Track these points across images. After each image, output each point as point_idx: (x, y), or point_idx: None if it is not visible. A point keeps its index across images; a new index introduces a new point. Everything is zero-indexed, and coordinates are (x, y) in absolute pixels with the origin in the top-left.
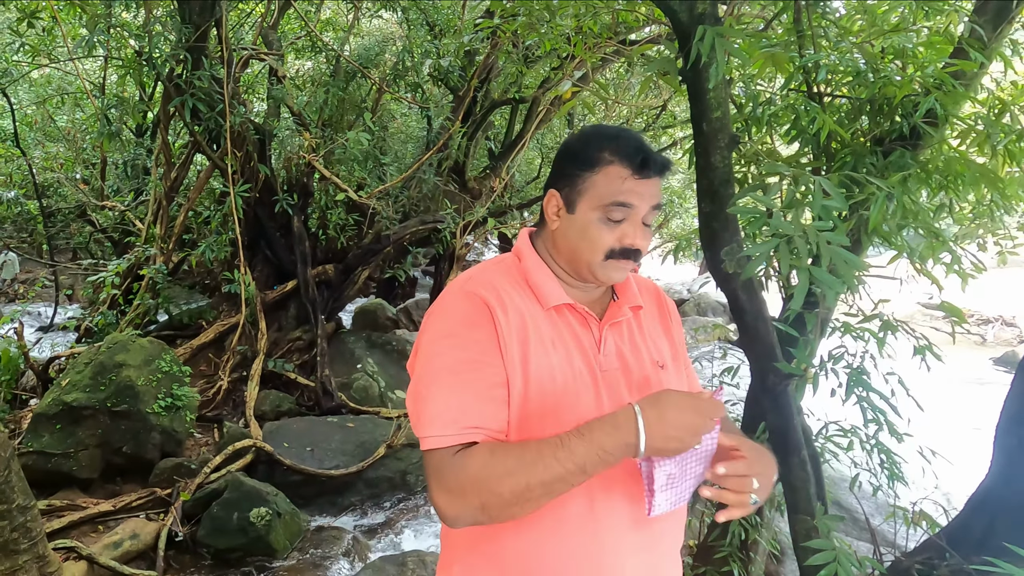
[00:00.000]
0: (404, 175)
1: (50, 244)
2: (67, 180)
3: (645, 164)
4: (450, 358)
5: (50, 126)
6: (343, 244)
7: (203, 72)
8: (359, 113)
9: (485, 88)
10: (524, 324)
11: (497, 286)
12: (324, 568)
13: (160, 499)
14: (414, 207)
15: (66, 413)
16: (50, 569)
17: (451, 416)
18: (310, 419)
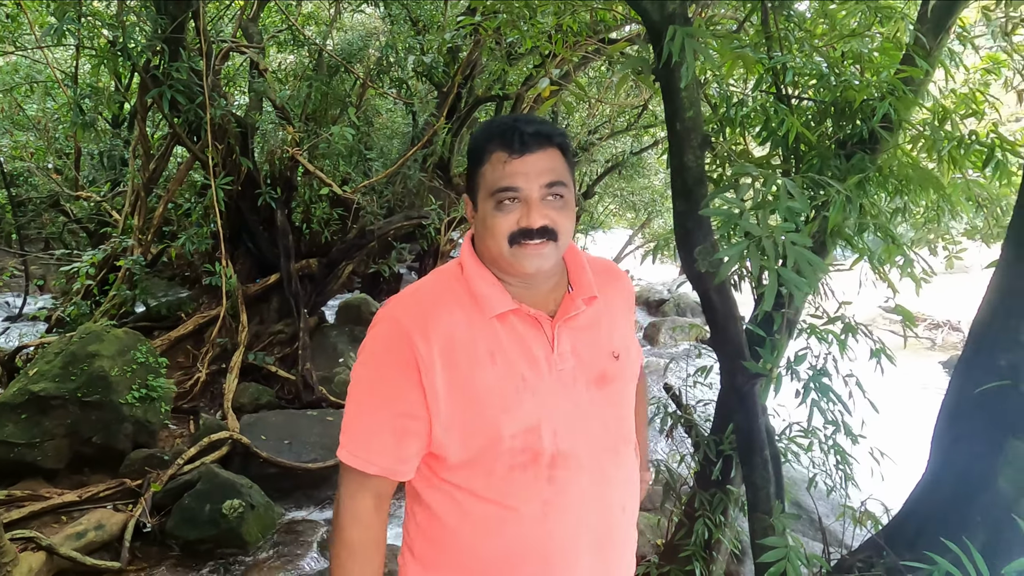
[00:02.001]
0: (389, 171)
1: (19, 233)
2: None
3: (518, 141)
4: (365, 385)
5: (19, 115)
6: (327, 238)
7: (181, 64)
8: (343, 108)
9: (469, 84)
10: (451, 344)
11: (425, 307)
12: (295, 560)
13: (130, 490)
14: (399, 203)
15: (32, 403)
16: (5, 559)
17: (356, 441)
18: (289, 412)
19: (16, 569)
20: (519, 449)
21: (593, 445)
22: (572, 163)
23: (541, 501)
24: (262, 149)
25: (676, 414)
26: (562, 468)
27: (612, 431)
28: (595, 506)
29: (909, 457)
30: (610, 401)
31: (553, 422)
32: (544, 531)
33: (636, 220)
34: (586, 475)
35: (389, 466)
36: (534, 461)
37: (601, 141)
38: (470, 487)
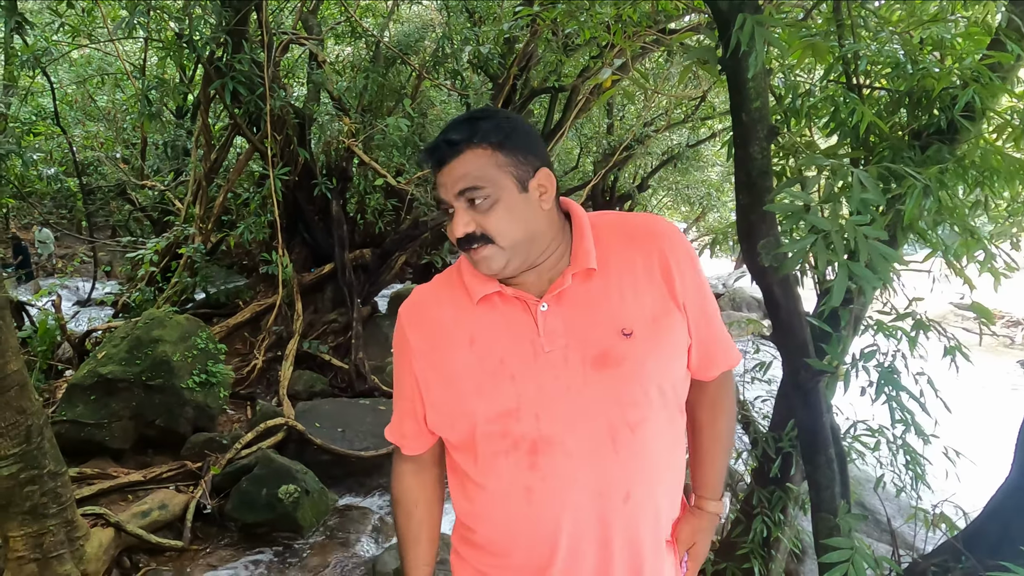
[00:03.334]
0: None
1: (89, 221)
2: (107, 159)
3: (437, 154)
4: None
5: (90, 106)
6: (381, 229)
7: (243, 55)
8: (398, 99)
9: (525, 76)
10: (436, 331)
11: (421, 299)
12: (349, 546)
13: (190, 472)
14: None
15: (101, 385)
16: (77, 534)
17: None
18: (342, 401)
19: (88, 544)
20: (497, 434)
21: (586, 430)
22: (510, 152)
23: (523, 487)
24: (319, 140)
25: None
26: (546, 454)
27: (612, 415)
28: (587, 494)
29: (989, 459)
30: (614, 383)
31: (535, 406)
32: (528, 516)
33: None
34: (575, 461)
35: (397, 439)
36: (515, 447)
37: (657, 133)
38: (465, 469)
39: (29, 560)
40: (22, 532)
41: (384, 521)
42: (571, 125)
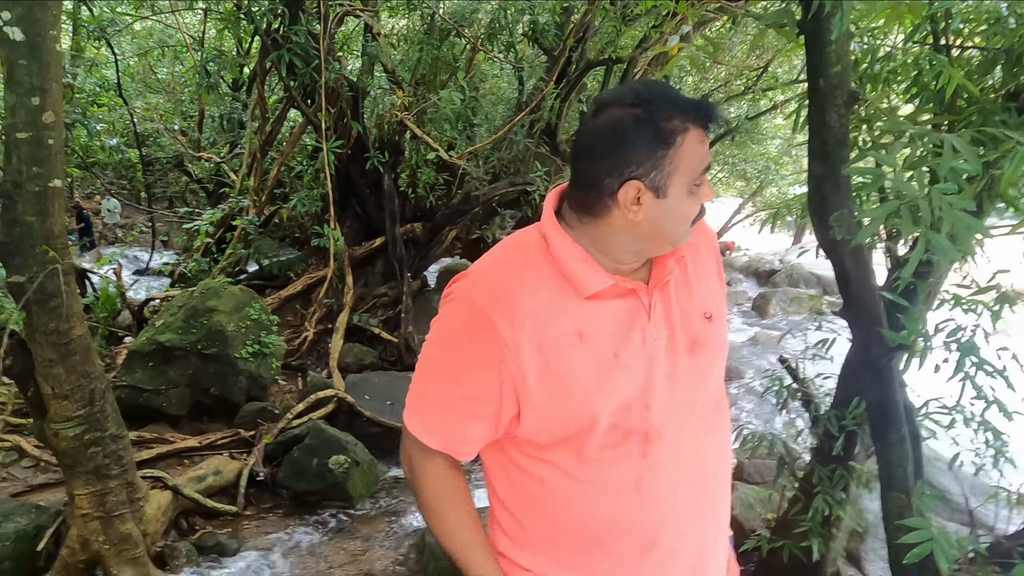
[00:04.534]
0: (496, 136)
1: (148, 192)
2: (166, 131)
3: (711, 117)
4: (437, 364)
5: (151, 77)
6: (432, 203)
7: (300, 27)
8: (452, 72)
9: (581, 48)
10: (539, 327)
11: (509, 288)
12: (398, 517)
13: (243, 440)
14: (504, 168)
15: (159, 352)
16: (138, 495)
17: (424, 412)
18: (392, 374)
19: (147, 505)
20: (612, 428)
21: (687, 415)
22: None
23: (634, 478)
24: (372, 113)
25: (792, 387)
26: (656, 442)
27: (705, 398)
28: (689, 476)
29: None
30: (702, 367)
31: (646, 397)
32: (638, 505)
33: (747, 188)
34: (679, 447)
35: (450, 444)
36: (626, 438)
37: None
38: (562, 466)
39: (93, 518)
40: (87, 491)
41: None
42: None
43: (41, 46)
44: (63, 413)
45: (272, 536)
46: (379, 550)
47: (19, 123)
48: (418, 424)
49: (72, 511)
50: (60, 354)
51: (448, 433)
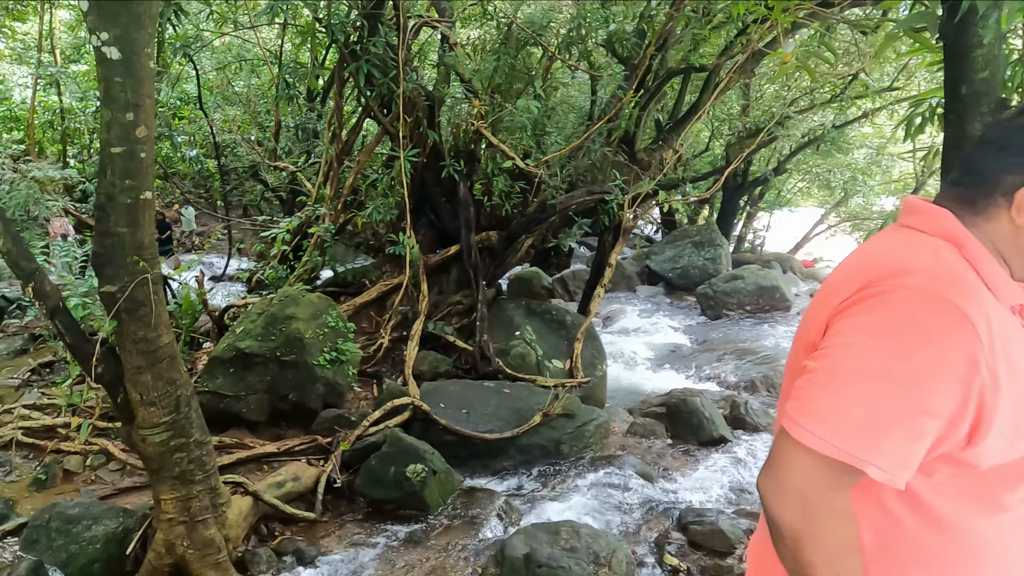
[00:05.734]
0: (573, 144)
1: (225, 200)
2: (243, 141)
3: None
4: (880, 364)
5: (229, 91)
6: (507, 212)
7: (378, 39)
8: (528, 81)
9: (661, 56)
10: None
11: (972, 284)
12: (476, 528)
13: (321, 446)
14: (581, 177)
15: (239, 358)
16: (220, 500)
17: (849, 429)
18: (467, 382)
19: (229, 510)
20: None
21: None
22: None
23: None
24: (448, 122)
25: None
26: None
27: None
28: None
29: None
30: None
31: None
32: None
33: (830, 198)
34: None
35: (895, 471)
36: None
37: (800, 115)
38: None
39: (178, 522)
40: (172, 496)
41: (510, 504)
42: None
43: (136, 64)
44: (150, 419)
45: (350, 544)
46: (456, 561)
47: (114, 138)
48: (849, 446)
49: (158, 515)
50: (148, 361)
51: (895, 457)
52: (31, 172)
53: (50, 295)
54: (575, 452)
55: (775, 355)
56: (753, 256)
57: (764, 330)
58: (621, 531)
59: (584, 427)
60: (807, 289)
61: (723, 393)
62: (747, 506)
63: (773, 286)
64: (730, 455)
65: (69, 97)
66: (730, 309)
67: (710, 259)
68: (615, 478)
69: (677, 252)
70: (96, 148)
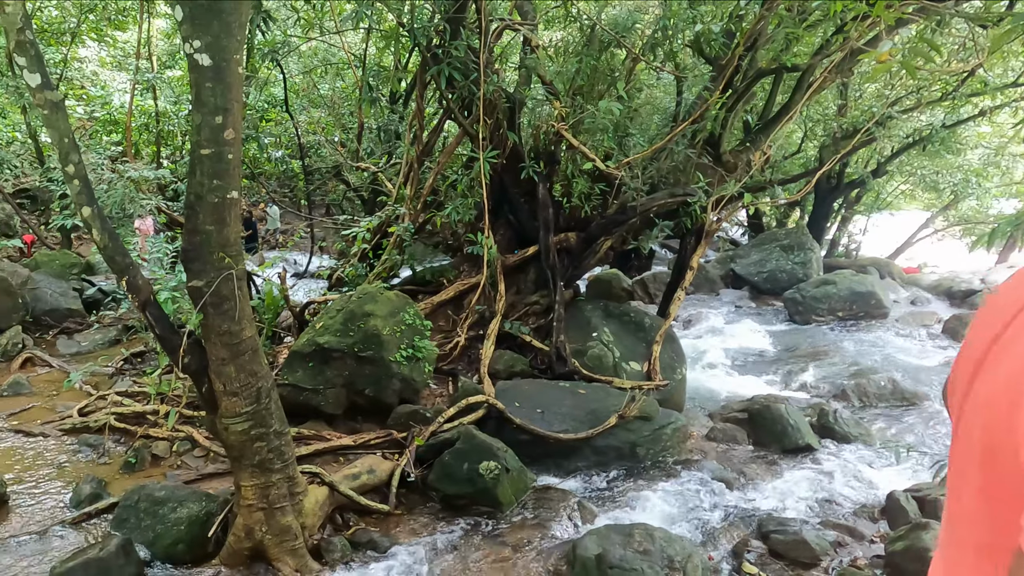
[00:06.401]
0: (656, 146)
1: (308, 200)
2: (326, 142)
3: None
4: None
5: (314, 94)
6: (587, 213)
7: (460, 42)
8: (610, 83)
9: (751, 56)
10: None
11: None
12: (547, 526)
13: (395, 441)
14: (663, 179)
15: (318, 353)
16: (297, 489)
17: None
18: (542, 382)
19: (306, 499)
20: None
21: None
22: None
23: None
24: (528, 124)
25: None
26: None
27: None
28: None
29: None
30: None
31: None
32: None
33: (937, 201)
34: None
35: None
36: None
37: (903, 114)
38: None
39: (257, 508)
40: (252, 483)
41: (583, 505)
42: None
43: (226, 70)
44: (232, 409)
45: (422, 536)
46: (527, 558)
47: (203, 140)
48: None
49: (238, 501)
50: (231, 353)
51: None
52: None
53: (142, 289)
54: (651, 455)
55: (869, 363)
56: (847, 261)
57: (857, 337)
58: (697, 536)
59: (661, 430)
60: (907, 296)
61: (810, 401)
62: (834, 517)
63: (868, 292)
64: (816, 465)
65: (164, 101)
66: (820, 315)
67: (799, 263)
68: (692, 483)
69: (764, 255)
70: (188, 149)
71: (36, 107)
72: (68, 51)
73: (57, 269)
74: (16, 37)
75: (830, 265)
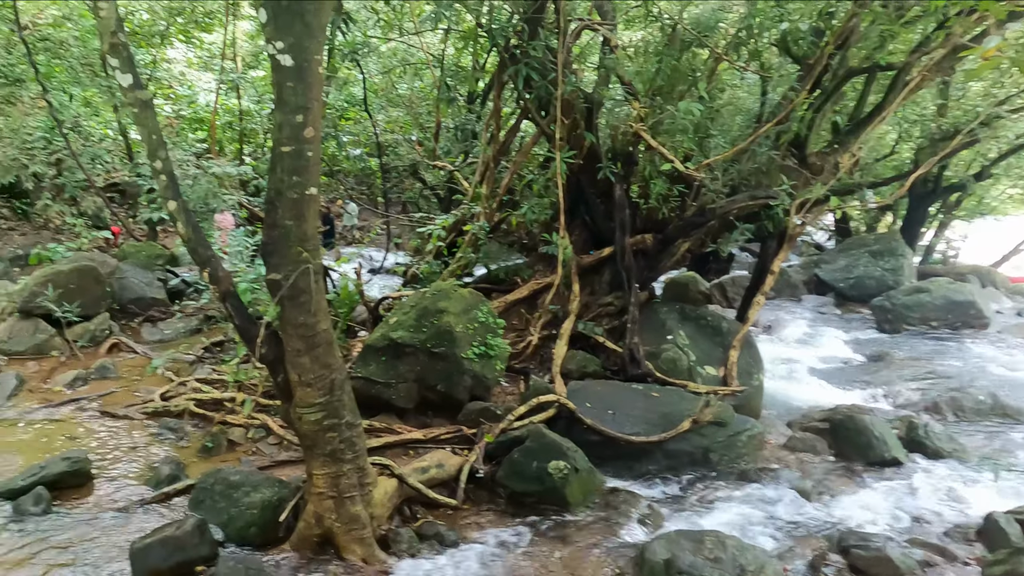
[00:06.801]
0: (738, 147)
1: (385, 197)
2: (404, 141)
3: None
4: None
5: (392, 93)
6: (664, 215)
7: (538, 42)
8: (691, 83)
9: (841, 55)
10: None
11: None
12: (615, 528)
13: (465, 437)
14: (744, 181)
15: (391, 348)
16: (367, 480)
17: None
18: (614, 383)
19: (375, 490)
20: None
21: None
22: None
23: None
24: (606, 124)
25: None
26: None
27: None
28: None
29: None
30: None
31: None
32: None
33: None
34: None
35: None
36: None
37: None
38: None
39: (327, 497)
40: (323, 472)
41: (653, 508)
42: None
43: (307, 70)
44: (306, 399)
45: (489, 532)
46: (594, 559)
47: (284, 138)
48: None
49: (309, 489)
50: (307, 345)
51: None
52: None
53: (223, 280)
54: (725, 462)
55: (966, 376)
56: (944, 268)
57: (952, 348)
58: (771, 547)
59: (736, 437)
60: (1012, 307)
61: (898, 413)
62: (923, 536)
63: (966, 301)
64: (903, 479)
65: (247, 100)
66: (911, 324)
67: (889, 269)
68: (768, 492)
69: (851, 261)
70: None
71: (127, 106)
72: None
73: (143, 260)
74: (110, 40)
75: (924, 272)
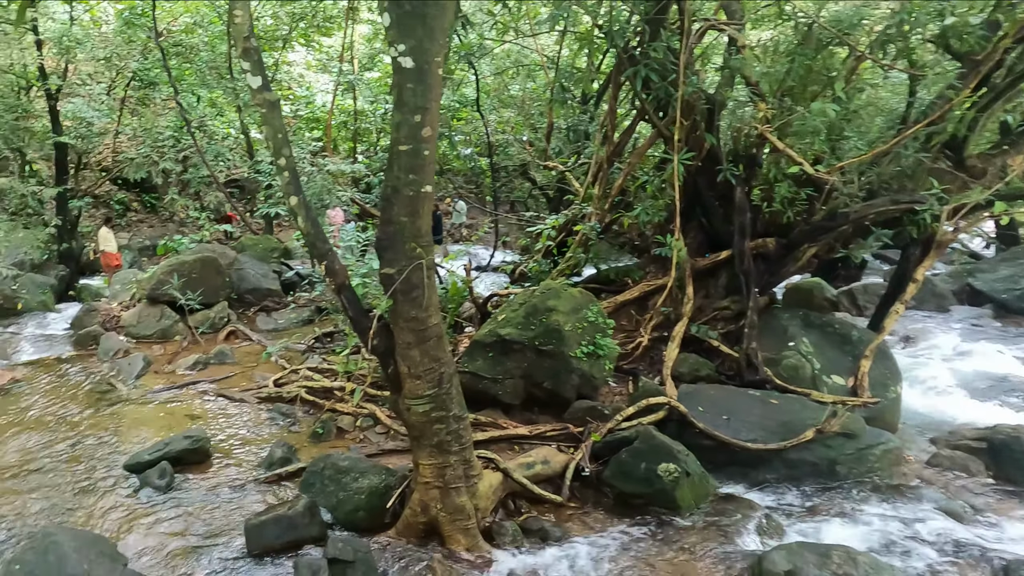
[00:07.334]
0: (878, 149)
1: (495, 196)
2: (515, 141)
3: None
4: None
5: (504, 94)
6: (789, 219)
7: (659, 43)
8: (826, 83)
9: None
10: None
11: None
12: (728, 536)
13: (571, 435)
14: (884, 184)
15: (498, 344)
16: (472, 472)
17: None
18: (729, 388)
19: (480, 483)
20: None
21: None
22: None
23: None
24: (728, 126)
25: None
26: None
27: None
28: None
29: None
30: None
31: None
32: None
33: None
34: None
35: None
36: None
37: None
38: None
39: (433, 486)
40: (430, 462)
41: (771, 518)
42: None
43: (427, 72)
44: (415, 391)
45: (595, 531)
46: (705, 565)
47: (402, 137)
48: None
49: (416, 478)
50: (417, 339)
51: None
52: (326, 166)
53: (339, 273)
54: (854, 475)
55: None
56: None
57: None
58: (914, 570)
59: (868, 450)
60: None
61: None
62: None
63: None
64: None
65: (362, 101)
66: None
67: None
68: (907, 511)
69: (1017, 271)
70: (382, 145)
71: (254, 106)
72: (279, 56)
73: (260, 252)
74: (243, 44)
75: None
